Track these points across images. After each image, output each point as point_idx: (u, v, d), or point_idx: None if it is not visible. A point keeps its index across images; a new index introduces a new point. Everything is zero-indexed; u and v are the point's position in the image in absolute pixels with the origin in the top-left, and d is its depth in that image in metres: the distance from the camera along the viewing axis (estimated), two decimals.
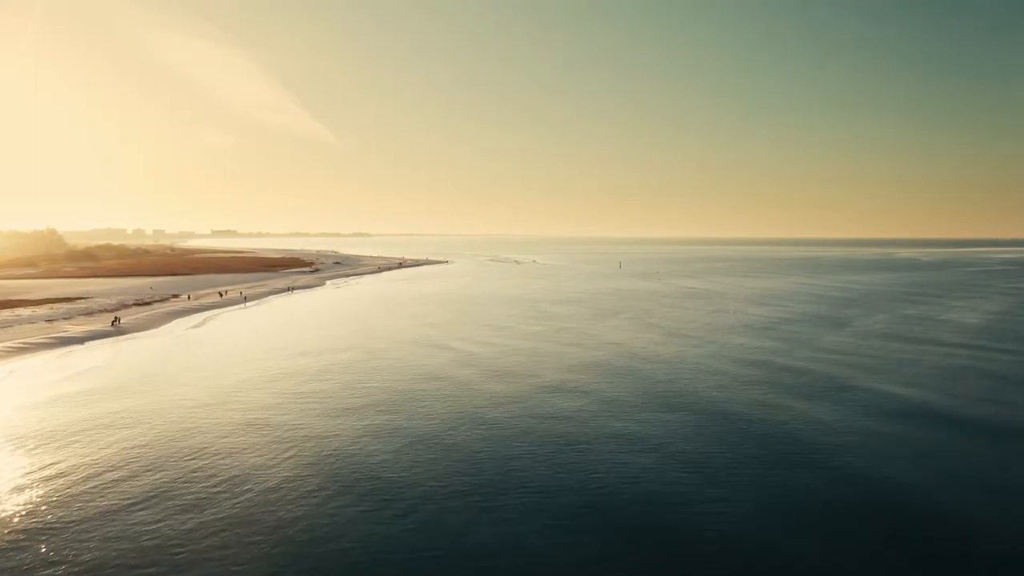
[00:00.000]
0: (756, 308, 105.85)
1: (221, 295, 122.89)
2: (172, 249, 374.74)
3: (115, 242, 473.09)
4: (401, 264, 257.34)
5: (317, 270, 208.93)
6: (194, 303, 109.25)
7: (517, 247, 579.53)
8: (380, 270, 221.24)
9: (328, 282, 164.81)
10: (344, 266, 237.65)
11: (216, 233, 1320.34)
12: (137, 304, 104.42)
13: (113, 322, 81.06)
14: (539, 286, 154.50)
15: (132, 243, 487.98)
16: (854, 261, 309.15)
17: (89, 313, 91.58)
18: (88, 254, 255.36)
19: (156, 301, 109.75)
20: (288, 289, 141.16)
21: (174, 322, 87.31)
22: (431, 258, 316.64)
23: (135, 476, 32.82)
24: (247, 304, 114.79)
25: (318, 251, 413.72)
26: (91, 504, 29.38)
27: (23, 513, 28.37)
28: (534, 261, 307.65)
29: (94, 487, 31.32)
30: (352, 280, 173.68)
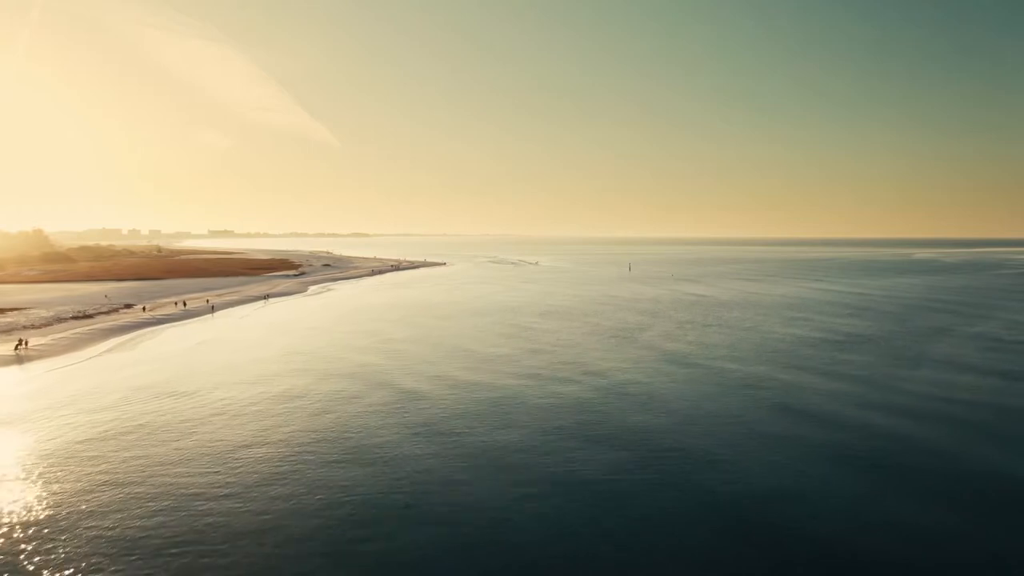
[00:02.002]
0: (802, 328, 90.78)
1: (184, 305, 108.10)
2: (160, 250, 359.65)
3: (105, 243, 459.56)
4: (396, 267, 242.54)
5: (303, 274, 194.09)
6: (145, 316, 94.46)
7: (519, 248, 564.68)
8: (373, 273, 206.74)
9: (311, 288, 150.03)
10: (334, 269, 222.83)
11: (213, 233, 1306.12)
12: (76, 317, 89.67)
13: (17, 345, 66.08)
14: (538, 293, 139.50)
15: (126, 243, 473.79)
16: (873, 263, 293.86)
17: (9, 331, 76.78)
18: (64, 256, 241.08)
19: (102, 313, 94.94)
20: (263, 297, 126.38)
21: (106, 342, 72.52)
22: (429, 260, 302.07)
23: None
24: (214, 314, 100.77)
25: (311, 252, 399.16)
26: None
27: None
28: (537, 263, 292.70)
29: None
30: (337, 285, 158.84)
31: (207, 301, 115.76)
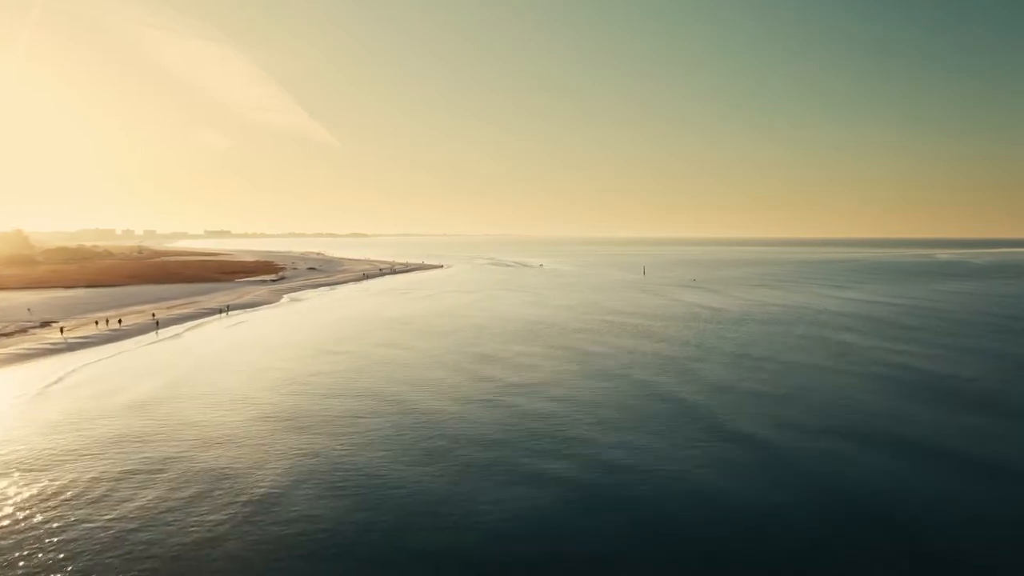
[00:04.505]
0: (893, 367, 71.46)
1: (119, 322, 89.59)
2: (140, 251, 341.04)
3: (96, 243, 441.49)
4: (390, 269, 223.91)
5: (282, 279, 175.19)
6: (56, 339, 75.74)
7: (520, 249, 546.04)
8: (363, 277, 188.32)
9: (284, 297, 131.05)
10: (319, 273, 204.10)
11: (209, 234, 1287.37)
12: None
13: None
14: (538, 302, 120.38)
15: (111, 244, 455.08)
16: (898, 265, 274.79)
17: None
18: (26, 259, 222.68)
19: (2, 336, 76.15)
20: (222, 309, 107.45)
21: None
22: (426, 262, 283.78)
23: None
24: (159, 332, 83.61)
25: (302, 253, 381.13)
26: None
27: None
28: (540, 265, 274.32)
29: None
30: (313, 294, 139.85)
31: (153, 315, 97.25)
